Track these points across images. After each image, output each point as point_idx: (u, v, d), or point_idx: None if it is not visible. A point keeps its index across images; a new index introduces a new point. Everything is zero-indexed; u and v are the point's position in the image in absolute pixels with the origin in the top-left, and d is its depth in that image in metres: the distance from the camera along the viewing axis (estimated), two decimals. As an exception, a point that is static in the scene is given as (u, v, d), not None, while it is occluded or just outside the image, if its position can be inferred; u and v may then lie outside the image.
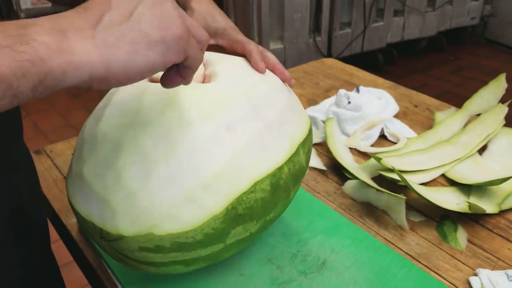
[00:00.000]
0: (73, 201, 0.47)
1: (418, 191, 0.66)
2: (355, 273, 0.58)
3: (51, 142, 0.87)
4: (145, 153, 0.44)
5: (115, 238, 0.44)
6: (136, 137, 0.44)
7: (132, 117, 0.46)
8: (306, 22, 2.43)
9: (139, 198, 0.43)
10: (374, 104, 0.90)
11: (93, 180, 0.45)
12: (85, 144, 0.47)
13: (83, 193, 0.46)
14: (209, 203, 0.44)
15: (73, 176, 0.48)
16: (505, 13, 3.20)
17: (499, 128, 0.83)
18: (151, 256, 0.46)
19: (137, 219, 0.43)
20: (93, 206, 0.45)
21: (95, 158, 0.46)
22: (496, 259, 0.61)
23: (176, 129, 0.45)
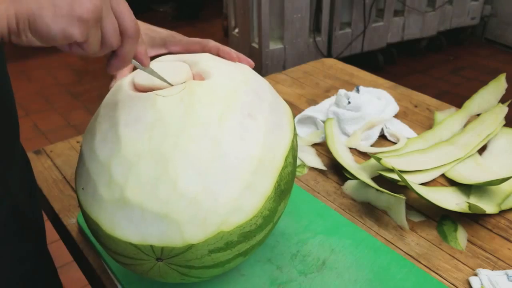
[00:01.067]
0: (117, 233, 0.43)
1: (418, 191, 0.66)
2: (355, 273, 0.58)
3: (51, 142, 0.87)
4: (193, 157, 0.43)
5: (181, 251, 0.43)
6: (177, 145, 0.44)
7: (158, 128, 0.45)
8: (306, 22, 2.44)
9: (202, 202, 0.43)
10: (374, 104, 0.90)
11: (145, 200, 0.42)
12: (113, 169, 0.44)
13: (131, 219, 0.43)
14: (262, 186, 0.46)
15: (108, 207, 0.43)
16: (505, 13, 3.20)
17: (499, 128, 0.83)
18: (219, 256, 0.45)
19: (204, 223, 0.43)
20: (149, 227, 0.42)
21: (136, 179, 0.43)
22: (496, 259, 0.61)
23: (210, 127, 0.45)
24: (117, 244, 0.44)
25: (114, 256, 0.48)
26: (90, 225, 0.47)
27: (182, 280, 0.48)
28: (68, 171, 0.80)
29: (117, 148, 0.45)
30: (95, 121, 0.50)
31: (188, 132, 0.45)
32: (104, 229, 0.44)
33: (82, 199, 0.47)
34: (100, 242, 0.47)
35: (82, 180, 0.47)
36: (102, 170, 0.45)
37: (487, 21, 3.31)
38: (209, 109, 0.46)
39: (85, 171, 0.47)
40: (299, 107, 0.99)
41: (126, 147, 0.44)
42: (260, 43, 2.36)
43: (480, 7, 3.16)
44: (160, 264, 0.45)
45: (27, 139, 0.65)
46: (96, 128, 0.48)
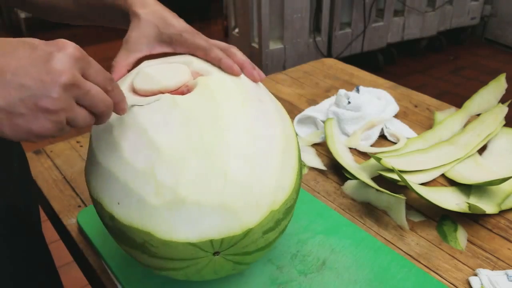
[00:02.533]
0: (175, 237, 0.43)
1: (418, 191, 0.66)
2: (355, 273, 0.58)
3: (51, 142, 0.87)
4: (233, 145, 0.45)
5: (240, 238, 0.44)
6: (216, 136, 0.45)
7: (191, 125, 0.45)
8: (306, 22, 2.44)
9: (252, 186, 0.44)
10: (374, 104, 0.90)
11: (200, 196, 0.42)
12: (158, 174, 0.43)
13: (188, 218, 0.43)
14: (291, 162, 0.49)
15: (161, 213, 0.43)
16: (505, 13, 3.20)
17: (499, 128, 0.83)
18: (270, 236, 0.47)
19: (257, 206, 0.44)
20: (207, 222, 0.43)
21: (186, 177, 0.43)
22: (496, 259, 0.61)
23: (237, 115, 0.47)
24: (174, 249, 0.43)
25: (164, 264, 0.46)
26: (133, 239, 0.45)
27: (233, 270, 0.49)
28: (68, 171, 0.80)
29: (156, 153, 0.44)
30: (105, 133, 0.48)
31: (221, 123, 0.46)
32: (159, 236, 0.43)
33: (119, 214, 0.45)
34: (150, 254, 0.45)
35: (115, 196, 0.45)
36: (145, 178, 0.44)
37: (487, 21, 3.31)
38: (230, 99, 0.48)
39: (118, 186, 0.45)
40: (299, 107, 0.99)
41: (166, 150, 0.44)
42: (260, 43, 2.36)
43: (480, 7, 3.16)
44: (216, 259, 0.45)
45: (27, 139, 0.64)
46: (115, 140, 0.46)
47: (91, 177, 0.49)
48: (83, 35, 3.56)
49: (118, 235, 0.47)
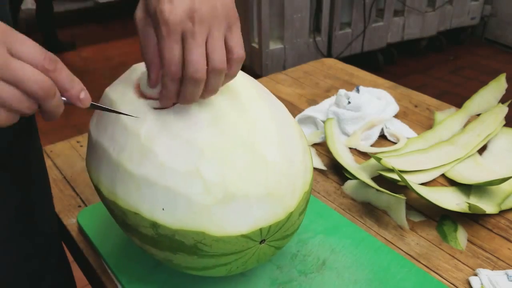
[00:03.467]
0: (228, 231, 0.44)
1: (418, 191, 0.66)
2: (355, 273, 0.58)
3: (51, 142, 0.87)
4: (266, 134, 0.47)
5: (284, 222, 0.46)
6: (248, 128, 0.47)
7: (222, 122, 0.46)
8: (306, 22, 2.44)
9: (289, 171, 0.47)
10: (374, 104, 0.90)
11: (248, 188, 0.44)
12: (204, 173, 0.44)
13: (239, 211, 0.44)
14: (306, 147, 0.52)
15: (212, 210, 0.43)
16: (505, 13, 3.20)
17: (499, 128, 0.83)
18: (302, 217, 0.50)
19: (294, 189, 0.47)
20: (255, 212, 0.44)
21: (233, 172, 0.44)
22: (496, 259, 0.61)
23: (258, 105, 0.50)
24: (227, 243, 0.44)
25: (213, 262, 0.47)
26: (182, 242, 0.45)
27: (272, 256, 0.51)
28: (68, 171, 0.80)
29: (198, 153, 0.44)
30: (129, 142, 0.46)
31: (248, 115, 0.48)
32: (212, 233, 0.44)
33: (165, 220, 0.44)
34: (201, 254, 0.46)
35: (157, 203, 0.44)
36: (190, 179, 0.44)
37: (487, 21, 3.31)
38: (247, 93, 0.50)
39: (160, 192, 0.44)
40: (299, 107, 0.99)
41: (207, 149, 0.44)
42: (260, 43, 2.36)
43: (480, 7, 3.16)
44: (262, 247, 0.47)
45: (27, 139, 0.65)
46: (146, 147, 0.45)
47: (119, 189, 0.46)
48: (83, 35, 3.56)
49: (159, 243, 0.46)
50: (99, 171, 0.49)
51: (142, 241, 0.48)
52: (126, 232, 0.51)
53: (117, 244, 0.62)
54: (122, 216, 0.48)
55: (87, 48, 3.31)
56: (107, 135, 0.48)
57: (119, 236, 0.62)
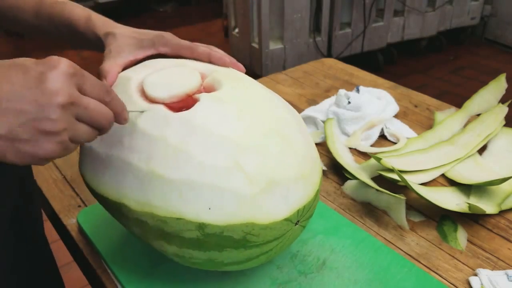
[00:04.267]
0: (274, 217, 0.45)
1: (418, 191, 0.66)
2: (355, 273, 0.58)
3: (51, 142, 0.87)
4: (288, 120, 0.50)
5: (313, 201, 0.49)
6: (273, 117, 0.49)
7: (248, 115, 0.48)
8: (306, 22, 2.44)
9: (311, 153, 0.51)
10: (374, 104, 0.90)
11: (285, 173, 0.46)
12: (244, 164, 0.44)
13: (281, 197, 0.46)
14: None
15: (258, 200, 0.44)
16: (505, 13, 3.20)
17: (499, 128, 0.83)
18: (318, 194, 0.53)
19: (317, 169, 0.51)
20: (293, 195, 0.46)
21: (270, 161, 0.46)
22: (496, 259, 0.61)
23: (272, 97, 0.52)
24: (273, 230, 0.46)
25: (257, 252, 0.48)
26: (231, 237, 0.45)
27: (300, 232, 0.52)
28: (68, 171, 0.80)
29: (234, 147, 0.45)
30: (159, 149, 0.45)
31: (266, 105, 0.50)
32: (261, 222, 0.45)
33: (213, 219, 0.44)
34: (249, 245, 0.46)
35: (202, 203, 0.44)
36: (232, 173, 0.44)
37: (487, 21, 3.31)
38: (255, 85, 0.53)
39: (204, 192, 0.44)
40: (299, 107, 0.99)
41: (242, 141, 0.45)
42: (260, 43, 2.36)
43: (480, 7, 3.16)
44: (296, 228, 0.49)
45: (27, 139, 0.64)
46: (180, 149, 0.45)
47: (155, 199, 0.45)
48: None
49: (204, 243, 0.46)
50: (122, 186, 0.47)
51: (183, 246, 0.47)
52: (156, 241, 0.49)
53: (117, 244, 0.62)
54: (159, 226, 0.46)
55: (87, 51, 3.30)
56: (125, 148, 0.47)
57: (119, 236, 0.62)
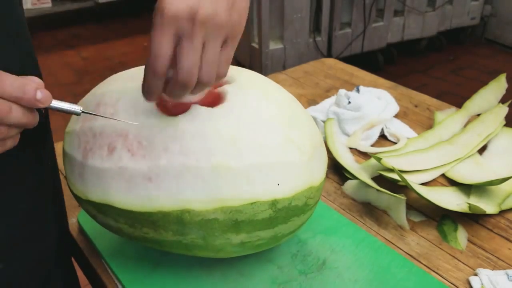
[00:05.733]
0: (318, 180, 0.52)
1: (418, 191, 0.66)
2: (355, 273, 0.58)
3: (51, 142, 0.87)
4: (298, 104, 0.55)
5: (321, 184, 0.53)
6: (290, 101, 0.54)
7: (274, 98, 0.52)
8: (306, 22, 2.44)
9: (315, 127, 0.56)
10: (374, 104, 0.90)
11: (315, 140, 0.53)
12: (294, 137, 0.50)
13: (320, 160, 0.53)
14: None
15: (311, 163, 0.51)
16: (505, 13, 3.20)
17: (499, 128, 0.83)
18: None
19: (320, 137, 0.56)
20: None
21: (307, 136, 0.52)
22: (496, 259, 0.61)
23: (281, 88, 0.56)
24: (319, 189, 0.53)
25: (308, 215, 0.53)
26: (297, 206, 0.50)
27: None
28: (68, 171, 0.79)
29: (278, 126, 0.49)
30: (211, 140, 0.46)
31: (276, 87, 0.54)
32: (316, 184, 0.51)
33: (284, 192, 0.48)
34: (305, 210, 0.52)
35: (271, 181, 0.47)
36: (286, 147, 0.48)
37: (487, 21, 3.31)
38: (268, 81, 0.56)
39: (270, 170, 0.47)
40: (299, 107, 0.99)
41: (284, 120, 0.50)
42: (260, 43, 2.36)
43: (480, 7, 3.16)
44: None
45: (27, 139, 0.64)
46: (236, 137, 0.47)
47: (227, 191, 0.46)
48: (83, 35, 3.56)
49: (275, 220, 0.49)
50: (183, 193, 0.47)
51: (254, 230, 0.49)
52: (221, 237, 0.49)
53: (117, 244, 0.62)
54: (231, 218, 0.47)
55: (87, 48, 3.31)
56: (176, 154, 0.46)
57: (119, 236, 0.62)
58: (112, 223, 0.52)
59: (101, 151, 0.48)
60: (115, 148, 0.48)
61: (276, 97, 0.52)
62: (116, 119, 0.48)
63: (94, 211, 0.52)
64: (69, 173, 0.53)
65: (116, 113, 0.49)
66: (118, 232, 0.54)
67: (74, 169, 0.51)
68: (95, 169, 0.49)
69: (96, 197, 0.50)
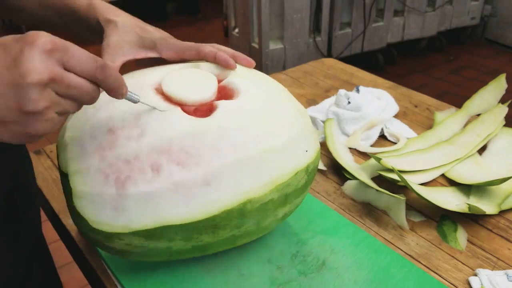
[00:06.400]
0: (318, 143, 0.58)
1: (418, 191, 0.66)
2: (355, 273, 0.58)
3: (51, 142, 0.87)
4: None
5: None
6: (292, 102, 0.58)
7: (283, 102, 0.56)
8: (306, 22, 2.44)
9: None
10: (374, 104, 0.90)
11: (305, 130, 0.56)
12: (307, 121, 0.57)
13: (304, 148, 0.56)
14: None
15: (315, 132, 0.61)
16: (505, 13, 3.20)
17: (499, 128, 0.83)
18: None
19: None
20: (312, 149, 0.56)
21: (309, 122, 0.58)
22: (496, 259, 0.61)
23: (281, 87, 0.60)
24: (316, 160, 0.56)
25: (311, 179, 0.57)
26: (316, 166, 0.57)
27: None
28: (68, 171, 0.79)
29: (302, 113, 0.57)
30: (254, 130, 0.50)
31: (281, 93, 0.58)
32: (318, 147, 0.57)
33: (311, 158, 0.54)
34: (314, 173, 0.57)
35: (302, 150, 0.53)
36: (299, 123, 0.54)
37: (487, 21, 3.31)
38: (272, 81, 0.59)
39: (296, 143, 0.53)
40: (299, 107, 0.99)
41: (285, 111, 0.54)
42: (260, 43, 2.36)
43: (480, 7, 3.16)
44: None
45: (27, 139, 0.64)
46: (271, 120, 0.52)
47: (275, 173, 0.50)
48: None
49: (306, 184, 0.56)
50: (242, 181, 0.48)
51: (295, 197, 0.54)
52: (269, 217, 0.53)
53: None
54: (284, 193, 0.52)
55: (87, 48, 3.29)
56: (226, 148, 0.47)
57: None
58: (164, 245, 0.49)
59: (144, 175, 0.46)
60: (160, 166, 0.46)
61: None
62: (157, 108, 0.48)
63: (141, 241, 0.48)
64: (93, 214, 0.47)
65: (144, 133, 0.48)
66: (161, 254, 0.51)
67: (105, 206, 0.47)
68: (140, 195, 0.46)
69: (146, 223, 0.47)
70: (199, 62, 0.57)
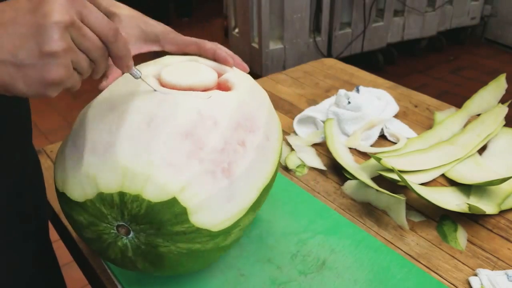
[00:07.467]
0: None
1: (418, 191, 0.66)
2: (355, 273, 0.58)
3: (51, 142, 0.87)
4: None
5: None
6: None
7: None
8: (306, 22, 2.44)
9: None
10: (374, 104, 0.90)
11: None
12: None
13: None
14: None
15: None
16: (505, 13, 3.20)
17: (499, 128, 0.83)
18: None
19: None
20: None
21: None
22: (496, 259, 0.61)
23: None
24: None
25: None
26: None
27: None
28: (68, 171, 0.79)
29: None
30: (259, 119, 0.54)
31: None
32: None
33: None
34: None
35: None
36: None
37: (487, 21, 3.31)
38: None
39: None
40: (299, 107, 0.99)
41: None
42: (260, 43, 2.36)
43: (480, 7, 3.16)
44: None
45: (27, 139, 0.64)
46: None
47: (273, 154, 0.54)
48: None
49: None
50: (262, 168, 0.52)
51: None
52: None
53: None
54: None
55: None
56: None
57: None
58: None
59: (238, 154, 0.49)
60: (244, 140, 0.50)
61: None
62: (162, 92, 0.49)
63: (251, 217, 0.52)
64: (212, 218, 0.46)
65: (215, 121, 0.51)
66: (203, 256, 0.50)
67: (220, 202, 0.46)
68: (243, 172, 0.48)
69: (251, 197, 0.50)
70: (197, 57, 0.59)
